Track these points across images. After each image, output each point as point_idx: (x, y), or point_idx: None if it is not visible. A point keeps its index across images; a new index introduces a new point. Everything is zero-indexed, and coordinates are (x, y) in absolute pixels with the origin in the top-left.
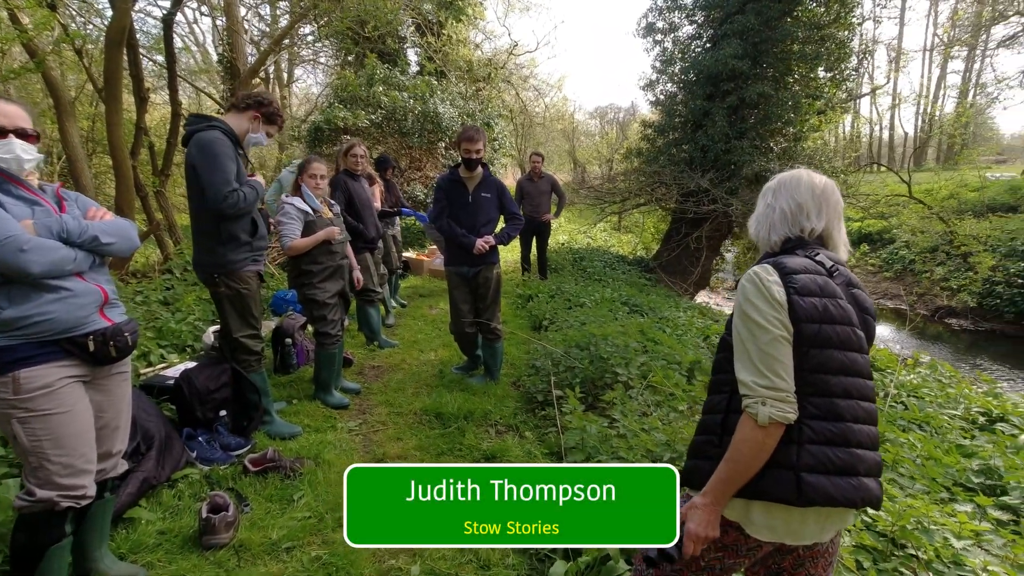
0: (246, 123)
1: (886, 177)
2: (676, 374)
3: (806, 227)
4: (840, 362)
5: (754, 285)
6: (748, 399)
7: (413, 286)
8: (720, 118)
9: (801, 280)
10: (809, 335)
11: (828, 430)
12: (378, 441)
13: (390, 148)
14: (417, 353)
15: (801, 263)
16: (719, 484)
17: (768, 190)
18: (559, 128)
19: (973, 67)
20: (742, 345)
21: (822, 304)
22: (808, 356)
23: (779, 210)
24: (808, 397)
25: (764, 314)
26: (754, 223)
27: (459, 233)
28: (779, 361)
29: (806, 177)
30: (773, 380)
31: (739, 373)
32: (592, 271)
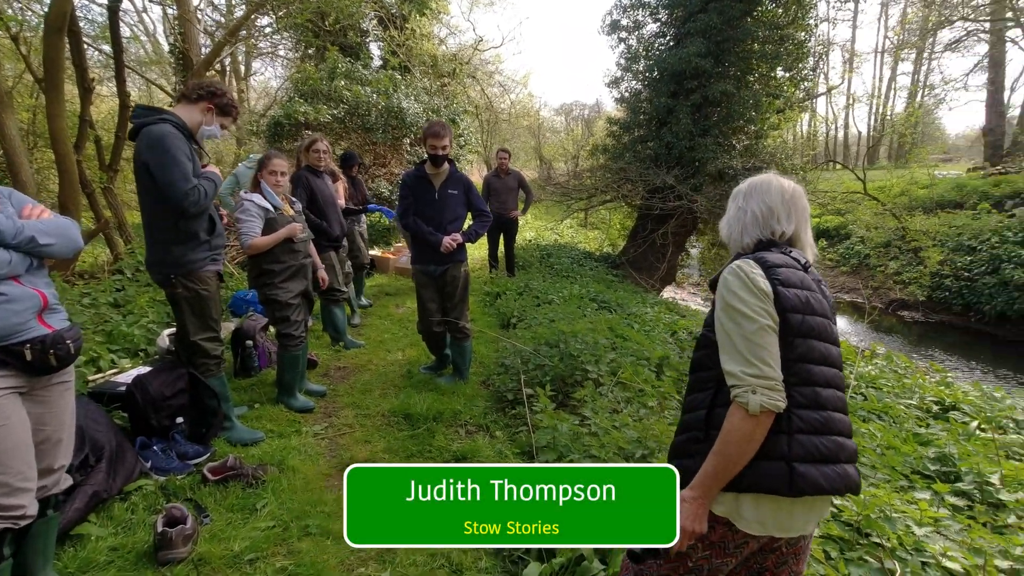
0: (198, 115)
1: (842, 175)
2: (645, 370)
3: (776, 230)
4: (821, 352)
5: (738, 278)
6: (737, 388)
7: (379, 284)
8: (684, 115)
9: (784, 273)
10: (794, 325)
11: (815, 419)
12: (345, 445)
13: (354, 144)
14: (384, 353)
15: (780, 258)
16: (707, 477)
17: (739, 193)
18: (525, 125)
19: (921, 69)
20: (727, 337)
21: (804, 296)
22: (793, 346)
23: (751, 213)
24: (795, 387)
25: (749, 304)
26: (725, 225)
27: (425, 231)
28: (767, 350)
29: (776, 182)
30: (762, 368)
31: (726, 364)
32: (560, 268)
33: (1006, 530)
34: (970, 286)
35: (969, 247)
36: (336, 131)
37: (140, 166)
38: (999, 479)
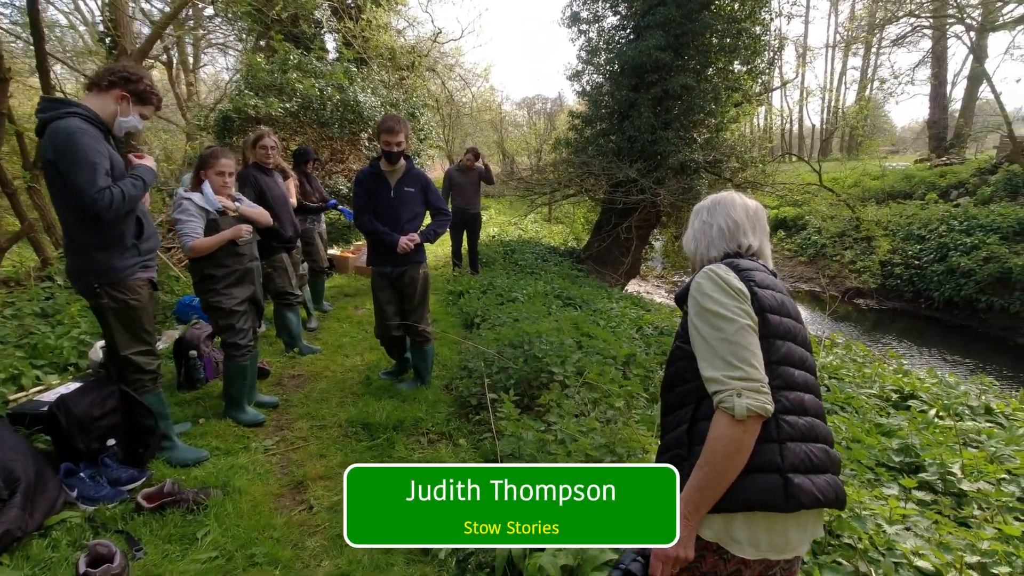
0: (112, 105)
1: (797, 167)
2: (612, 369)
3: (743, 243)
4: (799, 356)
5: (711, 281)
6: (721, 393)
7: (337, 285)
8: (645, 109)
9: (757, 275)
10: (774, 325)
11: (803, 425)
12: (298, 460)
13: (309, 140)
14: (342, 358)
15: (752, 264)
16: (694, 493)
17: (702, 209)
18: (487, 119)
19: (870, 64)
20: (706, 343)
21: (779, 298)
22: (774, 347)
23: (717, 226)
24: (779, 391)
25: (726, 305)
26: (691, 240)
27: (381, 231)
28: (749, 350)
29: (739, 198)
30: (747, 370)
31: (707, 371)
32: (524, 264)
33: (971, 521)
34: (920, 273)
35: (919, 236)
36: (290, 126)
37: (48, 166)
38: (960, 469)
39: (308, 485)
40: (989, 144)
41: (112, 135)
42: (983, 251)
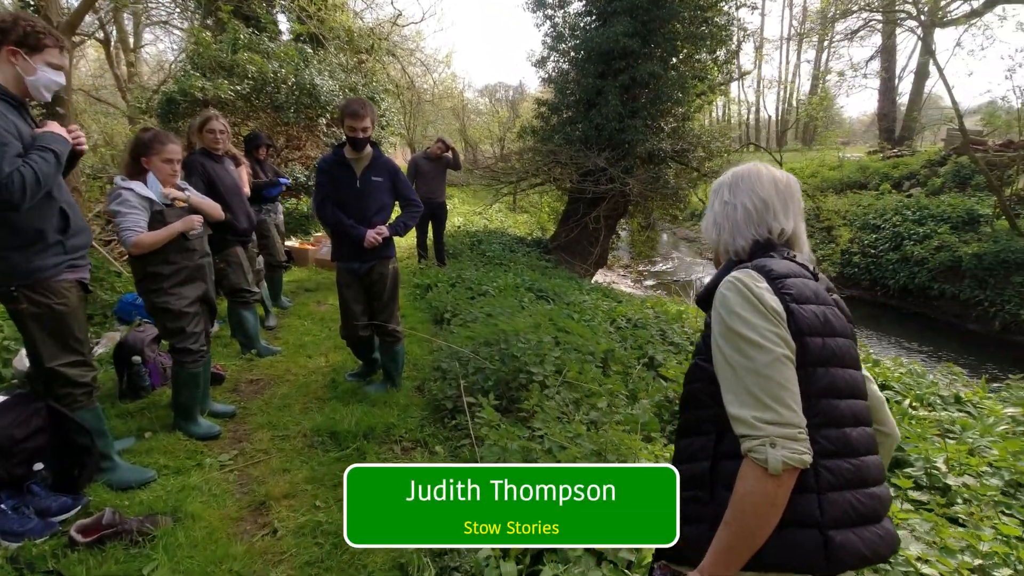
0: (6, 67)
1: (757, 157)
2: (592, 367)
3: (775, 227)
4: (847, 382)
5: (740, 295)
6: (751, 440)
7: (297, 279)
8: (613, 97)
9: (795, 285)
10: (814, 351)
11: (847, 470)
12: (259, 477)
13: (263, 125)
14: (305, 359)
15: (786, 266)
16: (721, 555)
17: (722, 186)
18: (448, 106)
19: (823, 57)
20: (732, 372)
21: (822, 313)
22: (814, 377)
23: (742, 208)
24: (819, 430)
25: (758, 329)
26: (712, 226)
27: (346, 223)
28: (784, 387)
29: (765, 170)
30: (781, 412)
31: (733, 408)
32: (492, 255)
33: (963, 519)
34: (876, 262)
35: (874, 225)
36: (241, 110)
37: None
38: (944, 463)
39: (271, 505)
40: (935, 136)
41: (27, 107)
42: (935, 240)
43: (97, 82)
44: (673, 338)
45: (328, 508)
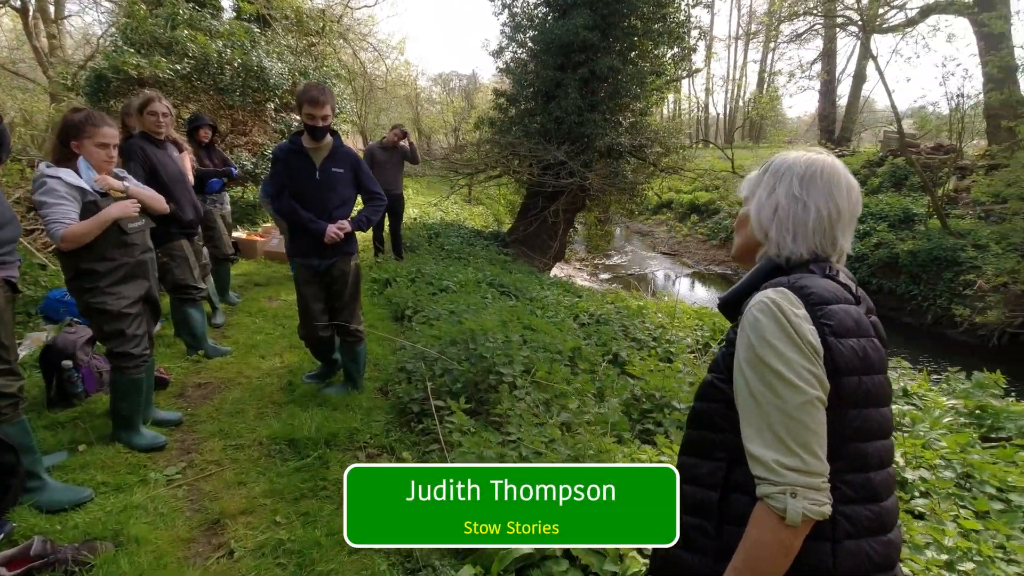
0: None
1: (706, 153)
2: (560, 366)
3: (840, 245)
4: (878, 423)
5: (775, 321)
6: (769, 486)
7: (246, 273)
8: (572, 89)
9: (837, 316)
10: (849, 392)
11: (866, 517)
12: (211, 491)
13: (205, 107)
14: (257, 360)
15: (829, 289)
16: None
17: (790, 173)
18: (402, 94)
19: (769, 58)
20: (756, 407)
21: (862, 348)
22: (846, 420)
23: (816, 212)
24: (842, 474)
25: (792, 365)
26: (769, 217)
27: (305, 217)
28: (813, 432)
29: (843, 171)
30: (806, 460)
31: (753, 445)
32: (451, 248)
33: (928, 515)
34: None
35: None
36: (181, 91)
37: None
38: (901, 456)
39: (226, 523)
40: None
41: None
42: (874, 237)
43: (14, 55)
44: (635, 334)
45: (290, 524)
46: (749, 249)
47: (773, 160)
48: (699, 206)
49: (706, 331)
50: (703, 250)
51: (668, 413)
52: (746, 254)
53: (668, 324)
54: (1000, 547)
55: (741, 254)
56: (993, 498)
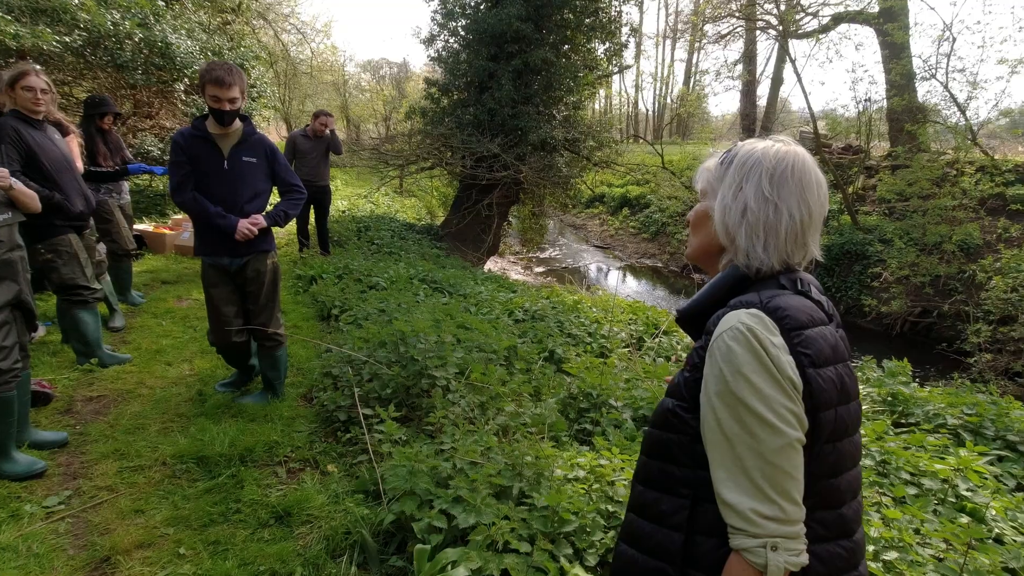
0: None
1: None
2: (495, 366)
3: (811, 251)
4: (850, 453)
5: (751, 352)
6: (747, 538)
7: (152, 269)
8: (506, 81)
9: (815, 343)
10: (826, 426)
11: (838, 555)
12: (102, 523)
13: (103, 87)
14: (163, 368)
15: (803, 309)
16: None
17: (757, 171)
18: (329, 80)
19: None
20: (728, 446)
21: (839, 378)
22: (821, 457)
23: (788, 216)
24: (813, 512)
25: (771, 404)
26: (738, 223)
27: (212, 212)
28: (792, 478)
29: (812, 165)
30: (786, 509)
31: (726, 490)
32: (381, 242)
33: None
34: None
35: None
36: (72, 67)
37: None
38: None
39: (118, 561)
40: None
41: None
42: None
43: None
44: (571, 329)
45: (197, 557)
46: (709, 253)
47: (737, 151)
48: (630, 200)
49: (639, 325)
50: (634, 243)
51: (606, 412)
52: (705, 258)
53: (603, 319)
54: (916, 531)
55: (699, 256)
56: (908, 483)
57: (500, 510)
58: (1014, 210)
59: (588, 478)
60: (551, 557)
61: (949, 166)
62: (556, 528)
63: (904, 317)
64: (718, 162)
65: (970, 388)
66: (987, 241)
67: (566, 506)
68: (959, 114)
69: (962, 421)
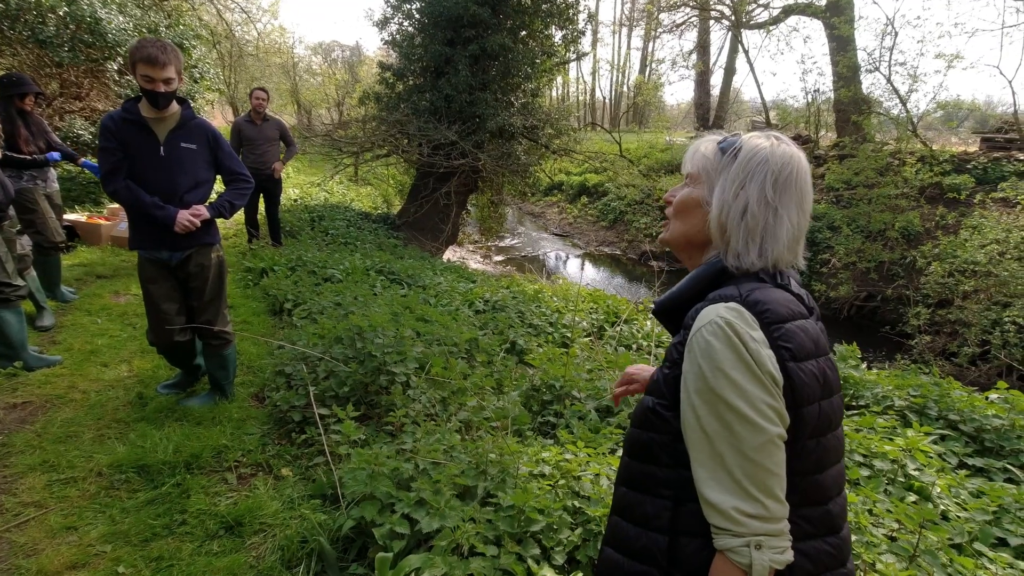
0: None
1: (593, 136)
2: (456, 360)
3: (800, 255)
4: (834, 447)
5: (730, 348)
6: (731, 538)
7: (86, 263)
8: (463, 66)
9: (795, 337)
10: (809, 422)
11: (825, 552)
12: (27, 544)
13: (24, 64)
14: (98, 370)
15: (783, 303)
16: None
17: (762, 172)
18: (277, 62)
19: (651, 46)
20: (708, 444)
21: (820, 372)
22: (804, 453)
23: (787, 224)
24: (798, 509)
25: (752, 400)
26: (737, 224)
27: (148, 202)
28: (774, 475)
29: (808, 171)
30: (768, 507)
31: (707, 489)
32: (335, 233)
33: None
34: None
35: None
36: None
37: None
38: None
39: None
40: (743, 126)
41: None
42: None
43: None
44: (532, 319)
45: (138, 575)
46: (693, 244)
47: (741, 144)
48: (588, 188)
49: (600, 314)
50: (593, 231)
51: (569, 404)
52: (688, 247)
53: (564, 308)
54: (868, 511)
55: (680, 245)
56: (861, 465)
57: (465, 512)
58: (951, 198)
59: (554, 474)
60: (518, 559)
61: (892, 156)
62: (523, 528)
63: (851, 302)
64: (716, 148)
65: (914, 370)
66: (927, 228)
67: (532, 505)
68: (900, 106)
69: (908, 403)
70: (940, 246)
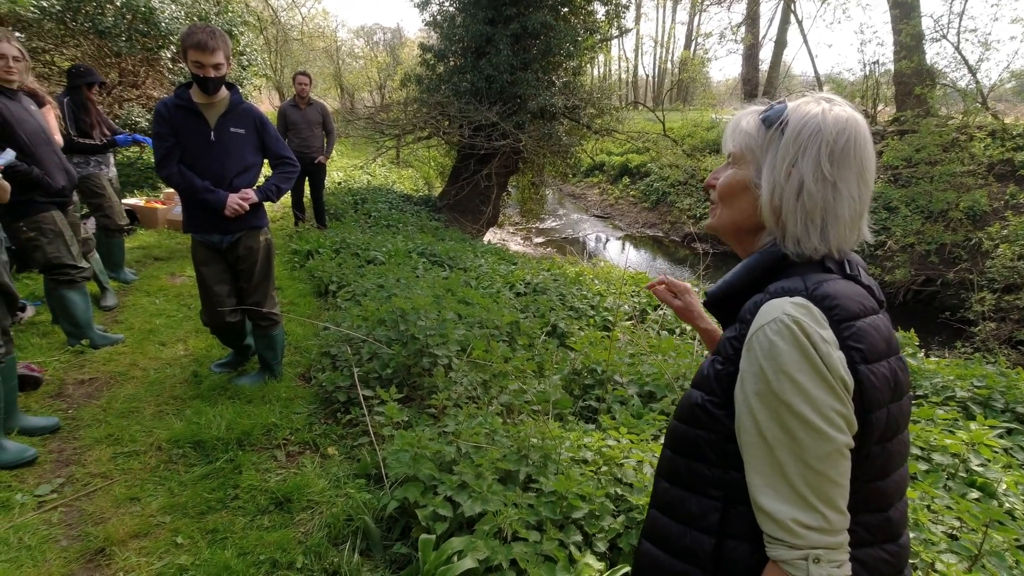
0: None
1: (636, 115)
2: (498, 343)
3: (863, 232)
4: (899, 451)
5: (798, 348)
6: (787, 550)
7: (144, 245)
8: (504, 46)
9: (867, 336)
10: (876, 428)
11: (884, 561)
12: (96, 512)
13: (85, 54)
14: (156, 349)
15: (854, 297)
16: None
17: (816, 143)
18: (321, 46)
19: (696, 20)
20: (767, 450)
21: (892, 373)
22: (869, 460)
23: (849, 199)
24: (858, 515)
25: (820, 407)
26: (793, 205)
27: (199, 186)
28: (838, 485)
29: (869, 135)
30: (830, 518)
31: (764, 498)
32: (378, 215)
33: None
34: None
35: None
36: (52, 34)
37: None
38: None
39: (113, 552)
40: None
41: None
42: None
43: None
44: (573, 302)
45: (195, 546)
46: (743, 229)
47: (788, 114)
48: (631, 168)
49: (642, 297)
50: (635, 212)
51: (611, 388)
52: (738, 234)
53: (605, 291)
54: (927, 507)
55: (729, 232)
56: (919, 459)
57: (507, 497)
58: (1023, 176)
59: (596, 460)
60: (560, 545)
61: (958, 130)
62: (565, 514)
63: (908, 286)
64: (759, 122)
65: (978, 359)
66: (994, 208)
67: (575, 491)
68: (969, 76)
69: (971, 394)
70: (1009, 227)
